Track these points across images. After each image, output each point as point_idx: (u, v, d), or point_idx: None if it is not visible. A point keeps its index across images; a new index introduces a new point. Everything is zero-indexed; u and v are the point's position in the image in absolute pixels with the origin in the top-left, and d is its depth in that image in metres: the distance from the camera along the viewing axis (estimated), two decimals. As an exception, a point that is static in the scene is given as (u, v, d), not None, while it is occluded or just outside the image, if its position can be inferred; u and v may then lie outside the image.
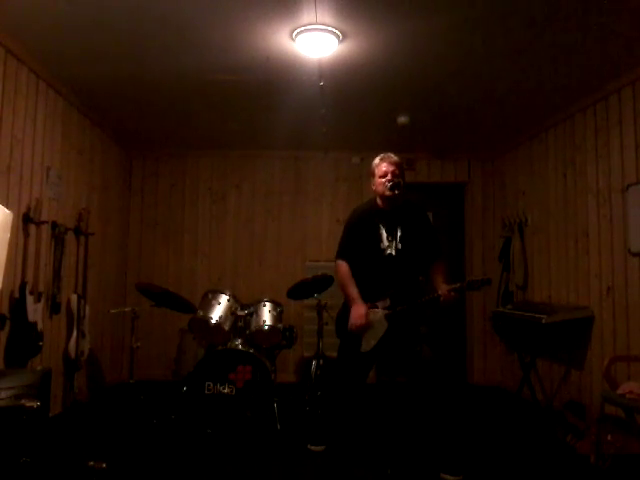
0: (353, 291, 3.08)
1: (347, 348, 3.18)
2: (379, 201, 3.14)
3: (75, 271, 4.30)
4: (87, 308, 4.30)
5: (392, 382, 5.40)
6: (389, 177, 3.03)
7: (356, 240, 3.15)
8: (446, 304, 2.90)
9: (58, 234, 3.99)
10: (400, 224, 3.08)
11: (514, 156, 5.50)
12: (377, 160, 3.14)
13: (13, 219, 2.43)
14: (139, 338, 4.20)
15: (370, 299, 3.05)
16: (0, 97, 3.28)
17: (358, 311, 3.01)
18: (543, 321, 3.90)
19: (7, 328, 3.31)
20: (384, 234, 3.07)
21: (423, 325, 3.05)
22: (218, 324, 4.05)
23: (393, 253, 3.05)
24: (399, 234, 3.06)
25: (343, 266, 3.16)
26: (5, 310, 3.33)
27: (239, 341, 3.99)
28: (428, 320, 3.08)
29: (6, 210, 2.13)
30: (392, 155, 3.12)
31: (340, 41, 3.24)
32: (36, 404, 2.34)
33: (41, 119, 3.82)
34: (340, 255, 3.21)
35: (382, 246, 3.06)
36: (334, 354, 3.41)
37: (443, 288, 2.91)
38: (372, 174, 3.15)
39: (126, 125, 5.09)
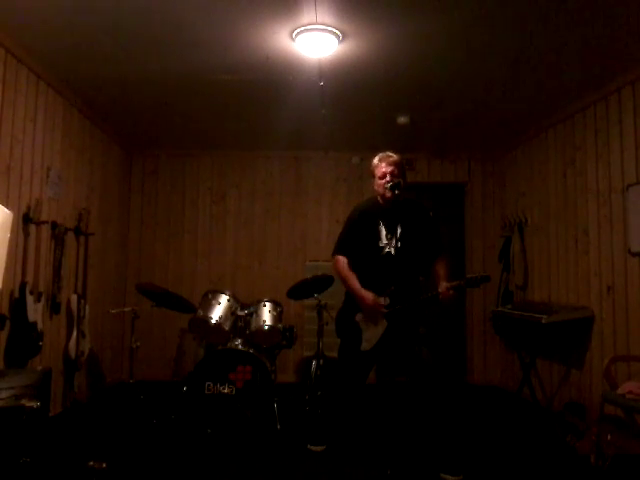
0: (355, 282, 3.08)
1: (347, 347, 3.19)
2: (380, 199, 3.14)
3: (75, 271, 4.30)
4: (87, 308, 4.30)
5: (392, 382, 5.39)
6: (388, 178, 3.04)
7: (356, 237, 3.16)
8: (445, 302, 2.90)
9: (58, 234, 3.99)
10: (400, 222, 3.08)
11: (514, 156, 5.50)
12: (376, 161, 3.14)
13: (13, 219, 2.43)
14: (139, 338, 4.20)
15: (369, 297, 3.06)
16: (0, 97, 3.28)
17: (366, 298, 3.01)
18: (543, 321, 3.90)
19: (7, 328, 3.31)
20: (383, 232, 3.08)
21: (422, 326, 3.05)
22: (218, 324, 4.05)
23: (392, 251, 3.05)
24: (399, 232, 3.06)
25: (341, 260, 3.17)
26: (5, 310, 3.33)
27: (239, 341, 3.99)
28: (427, 320, 3.08)
29: (6, 210, 2.13)
30: (391, 154, 3.12)
31: (340, 41, 3.24)
32: (36, 404, 2.35)
33: (41, 119, 3.82)
34: (338, 251, 3.21)
35: (381, 244, 3.07)
36: (334, 354, 3.41)
37: (442, 286, 2.91)
38: (372, 175, 3.16)
39: (126, 125, 5.09)
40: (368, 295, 3.01)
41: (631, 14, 2.87)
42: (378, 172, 3.10)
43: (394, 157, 3.11)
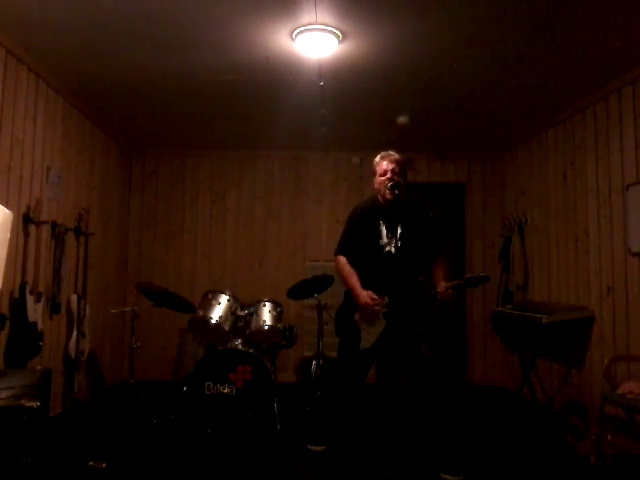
0: (355, 281, 3.08)
1: (346, 346, 3.19)
2: (380, 198, 3.15)
3: (75, 271, 4.30)
4: (87, 308, 4.30)
5: (392, 382, 5.39)
6: (389, 175, 3.06)
7: (356, 236, 3.17)
8: (444, 301, 2.90)
9: (58, 234, 3.99)
10: (401, 221, 3.08)
11: (514, 156, 5.50)
12: (378, 158, 3.16)
13: (13, 219, 2.43)
14: (139, 338, 4.21)
15: (369, 297, 3.06)
16: (0, 97, 3.28)
17: (364, 297, 3.00)
18: (543, 321, 3.90)
19: (7, 328, 3.31)
20: (384, 231, 3.08)
21: (421, 324, 3.05)
22: (218, 324, 4.05)
23: (392, 250, 3.06)
24: (399, 231, 3.07)
25: (342, 259, 3.18)
26: (5, 310, 3.33)
27: (239, 341, 3.99)
28: (426, 319, 3.08)
29: (6, 210, 2.13)
30: (393, 153, 3.14)
31: (340, 41, 3.24)
32: (36, 404, 2.34)
33: (41, 119, 3.82)
34: (339, 251, 3.22)
35: (381, 243, 3.07)
36: (334, 354, 3.41)
37: (441, 285, 2.91)
38: (373, 172, 3.17)
39: (126, 125, 5.10)
40: (365, 294, 3.01)
41: (631, 14, 2.87)
42: (379, 169, 3.11)
43: (396, 156, 3.13)
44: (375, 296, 3.00)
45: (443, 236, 3.25)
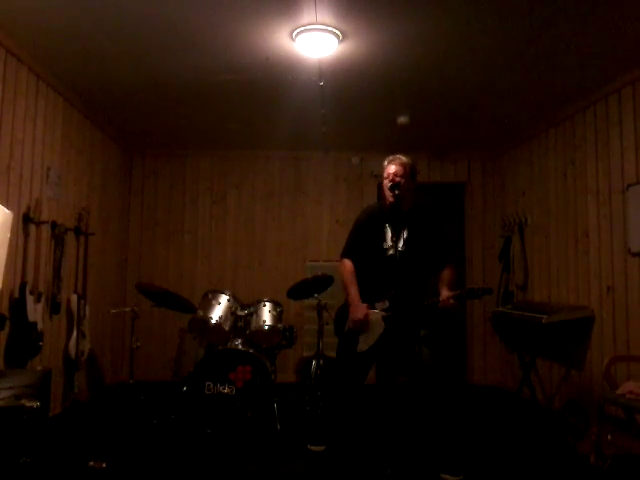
0: (354, 291, 3.09)
1: (344, 347, 3.19)
2: (388, 202, 3.15)
3: (75, 271, 4.30)
4: (87, 308, 4.29)
5: (392, 382, 5.39)
6: (390, 178, 3.05)
7: (362, 238, 3.16)
8: (445, 310, 2.90)
9: (58, 234, 3.99)
10: (408, 226, 3.07)
11: (514, 156, 5.50)
12: (385, 163, 3.16)
13: (13, 219, 2.44)
14: (139, 338, 4.20)
15: (370, 299, 3.06)
16: (0, 97, 3.28)
17: (357, 311, 3.03)
18: (543, 321, 3.90)
19: (7, 328, 3.31)
20: (389, 234, 3.08)
21: (423, 328, 3.05)
22: (218, 324, 4.05)
23: (395, 254, 3.05)
24: (405, 236, 3.06)
25: (347, 265, 3.18)
26: (5, 310, 3.33)
27: (239, 341, 3.99)
28: (430, 323, 3.08)
29: (6, 210, 2.13)
30: (400, 156, 3.13)
31: (340, 41, 3.24)
32: (36, 404, 2.34)
33: (41, 119, 3.82)
34: (345, 253, 3.23)
35: (385, 246, 3.07)
36: (334, 354, 3.42)
37: (443, 294, 2.91)
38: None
39: (126, 125, 5.10)
40: (360, 311, 3.02)
41: (631, 14, 2.87)
42: (385, 173, 3.11)
43: (402, 159, 3.11)
44: (368, 314, 3.01)
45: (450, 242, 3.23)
